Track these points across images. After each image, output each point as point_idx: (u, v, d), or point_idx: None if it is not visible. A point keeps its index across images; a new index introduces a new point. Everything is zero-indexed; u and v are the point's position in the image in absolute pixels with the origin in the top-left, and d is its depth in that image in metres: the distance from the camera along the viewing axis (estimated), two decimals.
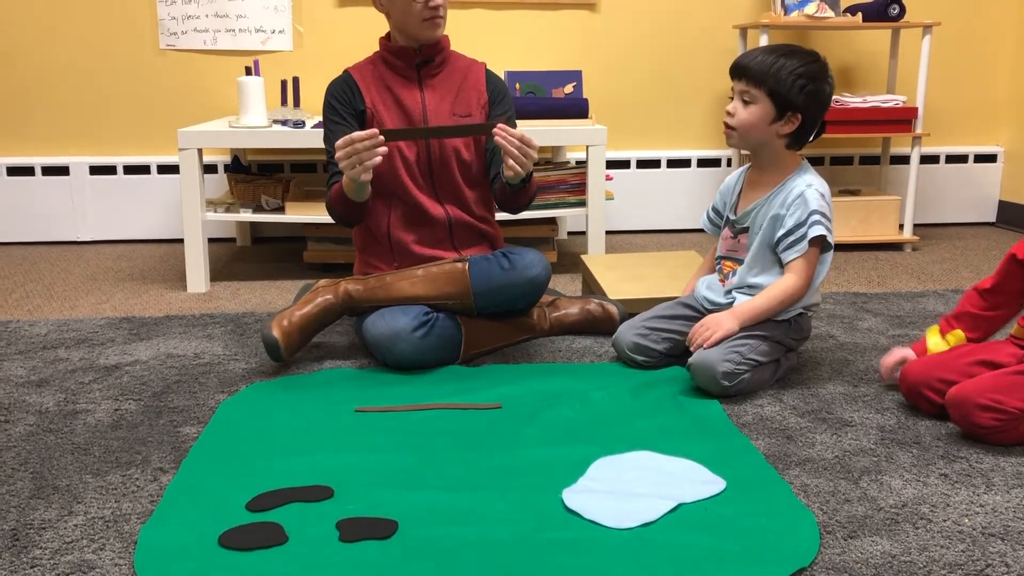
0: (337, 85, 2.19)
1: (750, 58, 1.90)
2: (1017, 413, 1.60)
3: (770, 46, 1.93)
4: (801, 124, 1.90)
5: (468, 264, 2.07)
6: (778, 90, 1.87)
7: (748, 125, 1.91)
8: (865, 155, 3.82)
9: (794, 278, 1.89)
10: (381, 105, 2.16)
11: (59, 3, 3.41)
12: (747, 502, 1.42)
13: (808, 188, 1.90)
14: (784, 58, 1.87)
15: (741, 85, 1.91)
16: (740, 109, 1.91)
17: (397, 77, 2.18)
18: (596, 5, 3.58)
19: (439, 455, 1.59)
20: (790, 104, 1.87)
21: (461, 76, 2.21)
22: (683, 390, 1.90)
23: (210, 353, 2.18)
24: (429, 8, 2.07)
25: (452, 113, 2.18)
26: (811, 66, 1.88)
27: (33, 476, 1.53)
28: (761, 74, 1.87)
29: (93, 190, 3.53)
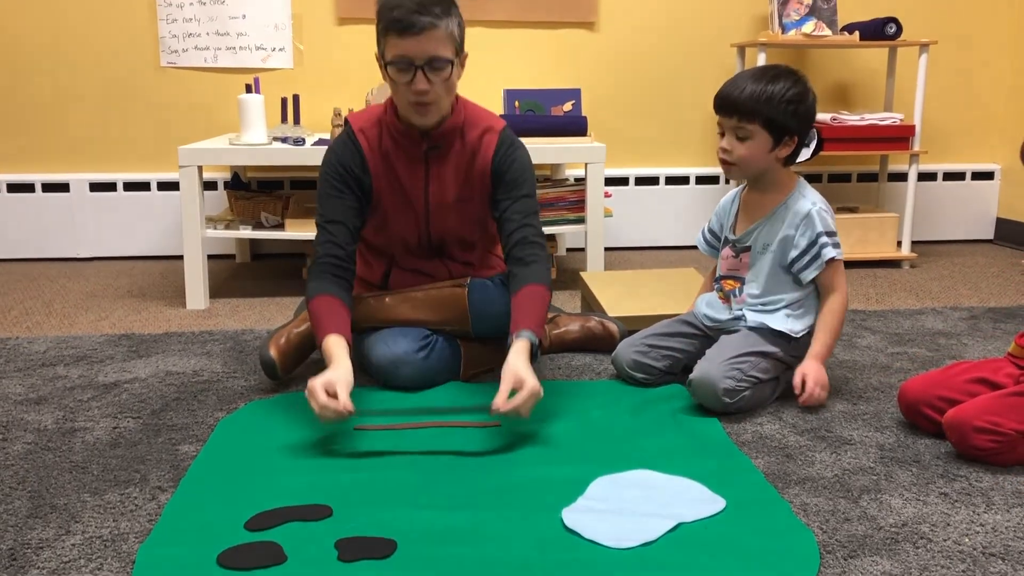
0: (344, 151, 2.00)
1: (737, 92, 1.87)
2: (1014, 435, 1.60)
3: (749, 74, 1.90)
4: (798, 143, 1.93)
5: (468, 289, 2.04)
6: (773, 119, 1.86)
7: (748, 159, 1.91)
8: (863, 172, 3.83)
9: (837, 296, 1.93)
10: (385, 187, 2.01)
11: (60, 20, 3.43)
12: (747, 521, 1.41)
13: (813, 207, 1.93)
14: (769, 85, 1.86)
15: (733, 122, 1.89)
16: (737, 145, 1.90)
17: (403, 159, 2.00)
18: (595, 24, 3.60)
19: (438, 473, 1.59)
20: (786, 130, 1.88)
21: (468, 157, 2.01)
22: (683, 408, 1.89)
23: (209, 370, 2.18)
24: (414, 93, 1.86)
25: (457, 198, 2.03)
26: (796, 87, 1.88)
27: (31, 495, 1.53)
28: (753, 108, 1.86)
29: (93, 207, 3.54)
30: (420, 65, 1.84)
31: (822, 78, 3.75)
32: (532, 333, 1.81)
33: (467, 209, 2.06)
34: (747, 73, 1.91)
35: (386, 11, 1.84)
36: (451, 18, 1.86)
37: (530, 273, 1.93)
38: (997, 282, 3.13)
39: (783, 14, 3.39)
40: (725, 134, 1.92)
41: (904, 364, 2.22)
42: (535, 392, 1.69)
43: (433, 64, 1.85)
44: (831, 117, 3.36)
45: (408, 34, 1.81)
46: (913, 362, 2.24)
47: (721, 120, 1.92)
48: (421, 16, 1.80)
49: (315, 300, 1.91)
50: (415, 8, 1.81)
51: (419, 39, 1.82)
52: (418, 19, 1.80)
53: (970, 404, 1.64)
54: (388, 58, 1.86)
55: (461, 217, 2.07)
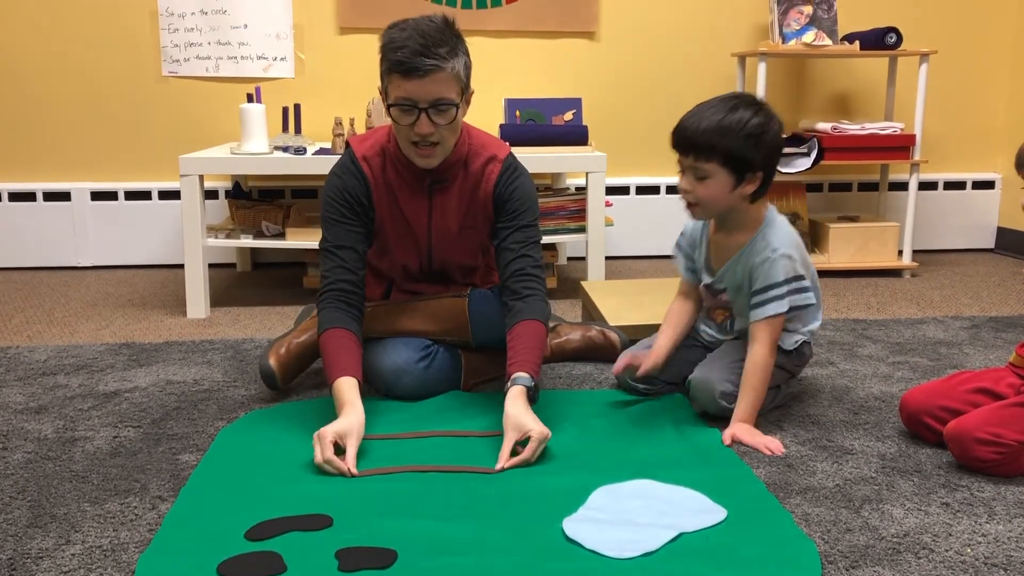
0: (350, 181, 1.95)
1: (692, 129, 1.74)
2: (1016, 446, 1.59)
3: (707, 106, 1.76)
4: (763, 178, 1.78)
5: (468, 300, 2.04)
6: (731, 156, 1.73)
7: (709, 199, 1.78)
8: (864, 181, 3.83)
9: (759, 349, 1.80)
10: (388, 218, 1.98)
11: (62, 29, 3.44)
12: (748, 532, 1.41)
13: (772, 254, 1.79)
14: (727, 119, 1.72)
15: (689, 161, 1.76)
16: (696, 186, 1.77)
17: (406, 191, 1.96)
18: (596, 34, 3.61)
19: (439, 483, 1.58)
20: (748, 166, 1.74)
21: (471, 186, 1.98)
22: (684, 418, 1.89)
23: (209, 380, 2.18)
24: (417, 135, 1.82)
25: (460, 227, 2.00)
26: (756, 118, 1.73)
27: (31, 504, 1.52)
28: (708, 146, 1.72)
29: (94, 215, 3.54)
30: (424, 108, 1.79)
31: (822, 88, 3.76)
32: (528, 377, 1.77)
33: (470, 237, 2.05)
34: (707, 107, 1.76)
35: (390, 51, 1.77)
36: (457, 58, 1.79)
37: (526, 308, 1.88)
38: (998, 291, 3.13)
39: (783, 24, 3.40)
40: (684, 172, 1.79)
41: (905, 373, 2.22)
42: (542, 438, 1.66)
43: (438, 107, 1.80)
44: (832, 127, 3.36)
45: (412, 77, 1.75)
46: (914, 371, 2.24)
47: (679, 159, 1.79)
48: (426, 59, 1.74)
49: (328, 334, 1.87)
50: (420, 50, 1.74)
51: (423, 82, 1.76)
52: (423, 62, 1.74)
53: (971, 415, 1.64)
54: (391, 99, 1.81)
55: (464, 246, 2.06)
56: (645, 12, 3.62)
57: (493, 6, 3.52)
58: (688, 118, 1.77)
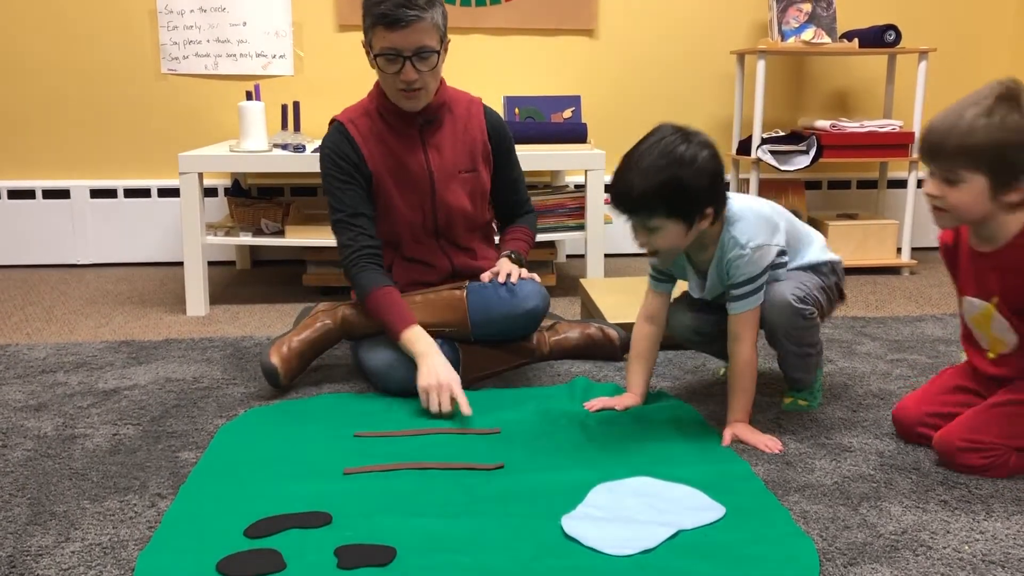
0: (339, 144, 2.06)
1: (628, 193, 1.67)
2: (1001, 448, 1.60)
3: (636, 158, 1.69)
4: (715, 209, 1.71)
5: (466, 292, 2.07)
6: (674, 208, 1.66)
7: (668, 247, 1.72)
8: (863, 179, 3.84)
9: (743, 347, 1.77)
10: (384, 170, 2.07)
11: (62, 27, 3.44)
12: (746, 529, 1.41)
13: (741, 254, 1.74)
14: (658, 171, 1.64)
15: (636, 219, 1.70)
16: (651, 239, 1.70)
17: (398, 137, 2.08)
18: (595, 31, 3.61)
19: (438, 481, 1.58)
20: (695, 208, 1.67)
21: (462, 124, 2.13)
22: (683, 416, 1.89)
23: (209, 377, 2.18)
24: (403, 82, 1.97)
25: (458, 170, 2.12)
26: (687, 153, 1.65)
27: (30, 502, 1.53)
28: (648, 205, 1.66)
29: (93, 213, 3.54)
30: (408, 56, 1.93)
31: (821, 85, 3.76)
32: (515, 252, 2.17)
33: (471, 181, 2.14)
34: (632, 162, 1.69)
35: (373, 5, 1.93)
36: (435, 8, 1.94)
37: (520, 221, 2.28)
38: None
39: (782, 21, 3.40)
40: (635, 230, 1.72)
41: (904, 371, 2.22)
42: None
43: (420, 54, 1.94)
44: (831, 124, 3.36)
45: (396, 28, 1.90)
46: (913, 369, 2.24)
47: (628, 218, 1.72)
48: (408, 10, 1.90)
49: (376, 293, 1.99)
50: (401, 2, 1.90)
51: (406, 32, 1.91)
52: (405, 13, 1.89)
53: (953, 425, 1.64)
54: (376, 50, 1.96)
55: (465, 189, 2.14)
56: (644, 10, 3.62)
57: (492, 3, 3.52)
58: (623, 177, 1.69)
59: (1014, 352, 1.64)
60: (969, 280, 1.67)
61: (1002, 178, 1.49)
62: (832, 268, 1.92)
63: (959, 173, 1.50)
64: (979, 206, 1.52)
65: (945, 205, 1.54)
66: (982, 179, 1.49)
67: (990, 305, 1.62)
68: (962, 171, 1.50)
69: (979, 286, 1.65)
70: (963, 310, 1.71)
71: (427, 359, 1.90)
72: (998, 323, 1.63)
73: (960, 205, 1.53)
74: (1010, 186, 1.49)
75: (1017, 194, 1.50)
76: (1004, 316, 1.61)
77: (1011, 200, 1.51)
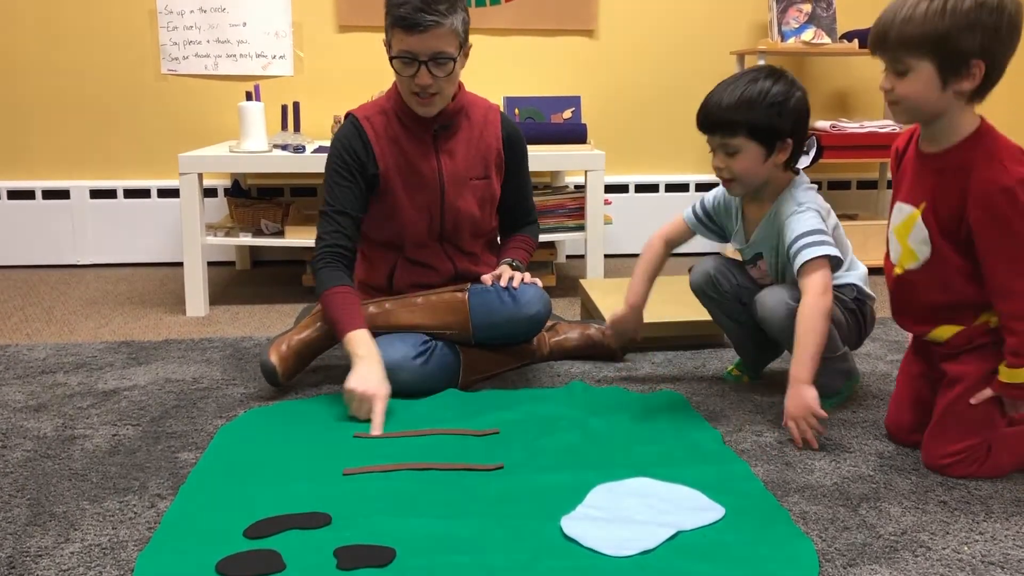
0: (350, 139, 2.05)
1: (714, 107, 1.76)
2: (974, 446, 1.59)
3: (727, 83, 1.78)
4: (794, 144, 1.81)
5: (468, 294, 2.06)
6: (758, 128, 1.75)
7: (745, 172, 1.80)
8: (863, 180, 3.84)
9: (807, 298, 1.73)
10: (394, 171, 2.06)
11: (61, 27, 3.44)
12: (746, 530, 1.41)
13: (799, 208, 1.80)
14: (747, 91, 1.74)
15: (717, 140, 1.79)
16: (729, 162, 1.79)
17: (412, 140, 2.06)
18: (595, 31, 3.61)
19: (437, 482, 1.58)
20: (776, 134, 1.77)
21: (478, 131, 2.12)
22: (682, 416, 1.89)
23: (208, 378, 2.18)
24: (417, 86, 1.95)
25: (469, 178, 2.11)
26: (777, 86, 1.75)
27: (30, 503, 1.53)
28: (731, 122, 1.74)
29: (93, 214, 3.55)
30: (424, 61, 1.92)
31: (821, 86, 3.76)
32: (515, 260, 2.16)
33: (481, 188, 2.14)
34: (726, 84, 1.78)
35: (393, 6, 1.92)
36: (456, 15, 1.92)
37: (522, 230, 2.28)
38: None
39: (782, 22, 3.40)
40: (714, 151, 1.82)
41: None
42: None
43: (437, 60, 1.93)
44: (831, 125, 3.36)
45: (413, 31, 1.89)
46: None
47: (708, 139, 1.81)
48: (427, 15, 1.88)
49: (333, 291, 1.98)
50: (421, 7, 1.88)
51: (423, 36, 1.90)
52: (423, 18, 1.88)
53: (927, 441, 1.65)
54: (394, 52, 1.95)
55: (476, 196, 2.13)
56: (644, 10, 3.62)
57: (492, 4, 3.52)
58: (710, 97, 1.80)
59: (920, 268, 1.60)
60: (905, 183, 1.64)
61: (949, 65, 1.46)
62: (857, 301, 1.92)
63: (905, 62, 1.49)
64: (930, 96, 1.49)
65: (896, 97, 1.53)
66: (929, 66, 1.47)
67: (917, 211, 1.59)
68: (907, 59, 1.48)
69: (913, 190, 1.61)
70: (890, 221, 1.67)
71: (364, 363, 1.86)
72: (918, 232, 1.59)
73: (910, 95, 1.51)
74: (959, 73, 1.47)
75: (968, 82, 1.48)
76: (927, 224, 1.57)
77: (963, 88, 1.48)
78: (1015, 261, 1.50)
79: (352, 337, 1.91)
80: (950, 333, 1.62)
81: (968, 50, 1.44)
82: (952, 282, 1.58)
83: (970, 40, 1.44)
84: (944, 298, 1.60)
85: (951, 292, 1.59)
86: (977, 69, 1.46)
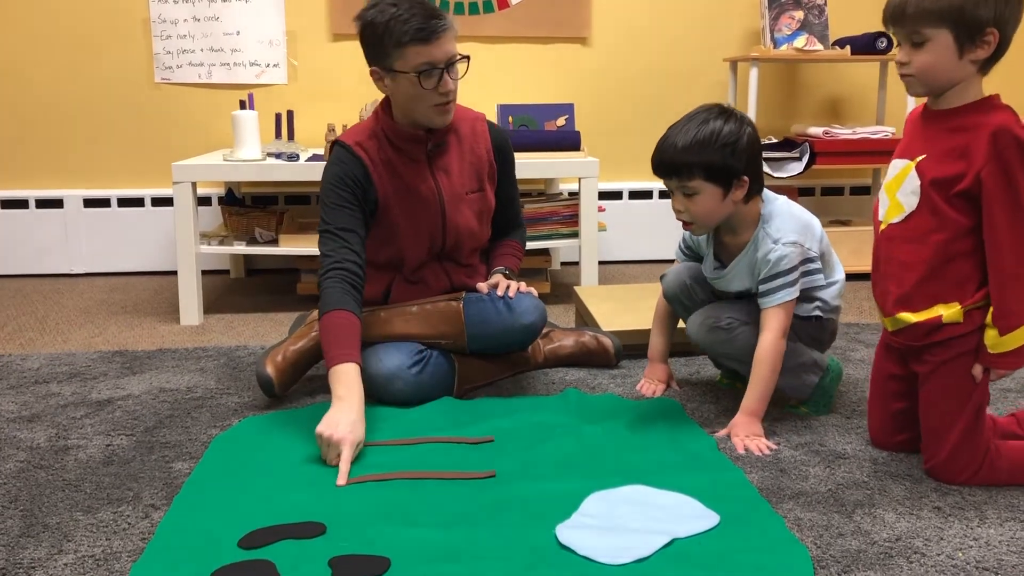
0: (349, 165, 2.00)
1: (669, 152, 1.77)
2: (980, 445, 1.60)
3: (678, 126, 1.79)
4: (751, 181, 1.79)
5: (463, 304, 2.06)
6: (713, 169, 1.75)
7: (704, 213, 1.80)
8: (855, 185, 3.85)
9: (767, 336, 1.81)
10: (393, 196, 2.03)
11: (54, 36, 3.44)
12: (741, 537, 1.41)
13: (775, 246, 1.81)
14: (699, 134, 1.74)
15: (674, 182, 1.80)
16: (688, 204, 1.80)
17: (406, 162, 2.04)
18: (588, 39, 3.62)
19: (432, 490, 1.58)
20: (732, 173, 1.76)
21: (468, 144, 2.12)
22: (677, 424, 1.89)
23: (203, 387, 2.17)
24: (440, 95, 1.94)
25: (466, 191, 2.10)
26: (728, 125, 1.76)
27: (23, 514, 1.52)
28: (688, 165, 1.76)
29: (87, 223, 3.54)
30: (443, 67, 1.93)
31: (814, 92, 3.78)
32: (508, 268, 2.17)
33: (478, 201, 2.14)
34: (679, 126, 1.79)
35: (400, 24, 1.89)
36: (452, 16, 1.96)
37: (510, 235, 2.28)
38: None
39: (775, 29, 3.42)
40: (673, 194, 1.82)
41: None
42: None
43: (453, 63, 1.95)
44: (823, 131, 3.38)
45: (432, 40, 1.90)
46: None
47: (665, 182, 1.83)
48: (438, 20, 1.91)
49: (332, 315, 1.86)
50: (430, 15, 1.90)
51: (440, 42, 1.92)
52: (436, 24, 1.90)
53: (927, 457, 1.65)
54: (413, 68, 1.91)
55: (473, 210, 2.13)
56: (637, 17, 3.63)
57: (486, 12, 3.53)
58: (663, 142, 1.80)
59: (902, 221, 1.61)
60: (905, 141, 1.66)
61: (966, 33, 1.49)
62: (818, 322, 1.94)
63: (923, 33, 1.51)
64: (947, 65, 1.52)
65: (913, 69, 1.55)
66: (947, 35, 1.50)
67: (912, 163, 1.60)
68: (925, 30, 1.51)
69: (912, 144, 1.63)
70: (883, 180, 1.68)
71: (339, 405, 1.74)
72: (909, 184, 1.59)
73: (928, 64, 1.53)
74: (975, 41, 1.50)
75: (983, 50, 1.51)
76: (920, 175, 1.58)
77: (978, 56, 1.51)
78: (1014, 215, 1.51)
79: (336, 372, 1.79)
80: (907, 322, 1.62)
81: (984, 19, 1.49)
82: (926, 239, 1.59)
83: (985, 9, 1.48)
84: (914, 256, 1.60)
85: (921, 249, 1.59)
86: (992, 36, 1.50)
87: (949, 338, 1.59)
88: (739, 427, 1.81)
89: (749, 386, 1.83)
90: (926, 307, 1.60)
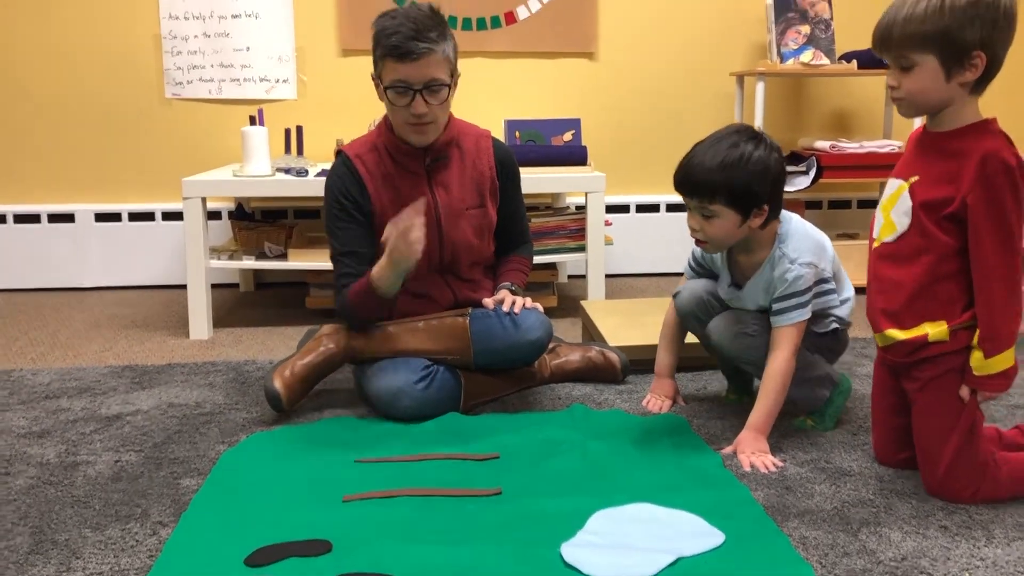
0: (342, 180, 2.06)
1: (695, 171, 1.76)
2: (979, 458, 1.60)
3: (706, 146, 1.77)
4: (770, 209, 1.79)
5: (469, 320, 2.07)
6: (737, 195, 1.74)
7: (720, 236, 1.80)
8: (863, 199, 3.85)
9: (779, 355, 1.81)
10: (390, 210, 2.03)
11: (66, 51, 3.47)
12: (746, 556, 1.41)
13: (791, 266, 1.82)
14: (728, 157, 1.73)
15: (694, 202, 1.78)
16: (704, 224, 1.79)
17: (405, 176, 2.07)
18: (594, 54, 3.64)
19: (437, 508, 1.59)
20: (753, 201, 1.75)
21: (471, 160, 2.13)
22: (683, 441, 1.89)
23: (211, 402, 2.19)
24: (413, 116, 1.97)
25: (465, 207, 2.12)
26: (757, 151, 1.74)
27: (32, 531, 1.53)
28: (711, 188, 1.74)
29: (98, 237, 3.57)
30: (419, 89, 1.94)
31: (821, 106, 3.78)
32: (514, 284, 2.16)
33: (478, 217, 2.14)
34: (706, 146, 1.77)
35: (384, 37, 1.93)
36: (446, 42, 1.95)
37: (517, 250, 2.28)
38: None
39: (781, 43, 3.42)
40: (691, 212, 1.81)
41: None
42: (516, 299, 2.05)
43: (431, 88, 1.95)
44: (830, 145, 3.38)
45: (406, 60, 1.91)
46: None
47: (685, 200, 1.81)
48: (419, 43, 1.89)
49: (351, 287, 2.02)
50: (412, 35, 1.89)
51: (417, 64, 1.92)
52: (416, 46, 1.89)
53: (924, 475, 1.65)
54: (387, 82, 1.96)
55: (472, 225, 2.14)
56: (644, 32, 3.65)
57: (493, 27, 3.55)
58: (690, 159, 1.78)
59: (895, 240, 1.61)
60: (902, 161, 1.67)
61: (953, 57, 1.50)
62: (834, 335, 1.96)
63: (910, 58, 1.53)
64: (935, 89, 1.53)
65: (902, 93, 1.56)
66: (933, 60, 1.51)
67: (906, 183, 1.61)
68: (912, 55, 1.52)
69: (908, 164, 1.64)
70: (880, 198, 1.69)
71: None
72: (902, 204, 1.60)
73: (916, 89, 1.55)
74: (962, 65, 1.51)
75: (971, 72, 1.51)
76: (912, 196, 1.58)
77: (966, 79, 1.52)
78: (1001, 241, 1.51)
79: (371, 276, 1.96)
80: (895, 339, 1.63)
81: (970, 42, 1.49)
82: (915, 259, 1.59)
83: (971, 33, 1.49)
84: (903, 275, 1.61)
85: (911, 268, 1.60)
86: (979, 60, 1.50)
87: (936, 355, 1.60)
88: (745, 443, 1.81)
89: (757, 402, 1.84)
90: (913, 325, 1.61)
